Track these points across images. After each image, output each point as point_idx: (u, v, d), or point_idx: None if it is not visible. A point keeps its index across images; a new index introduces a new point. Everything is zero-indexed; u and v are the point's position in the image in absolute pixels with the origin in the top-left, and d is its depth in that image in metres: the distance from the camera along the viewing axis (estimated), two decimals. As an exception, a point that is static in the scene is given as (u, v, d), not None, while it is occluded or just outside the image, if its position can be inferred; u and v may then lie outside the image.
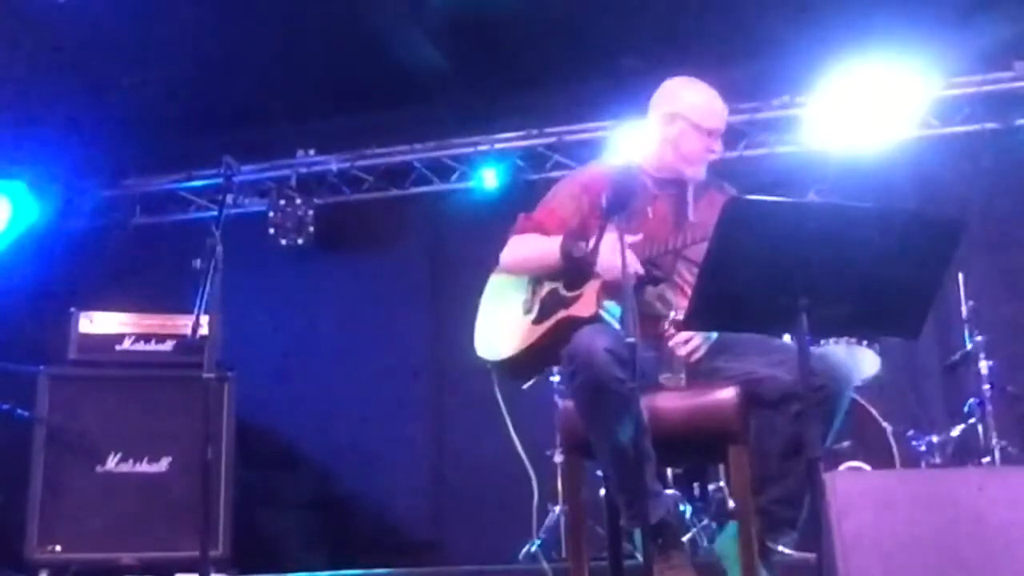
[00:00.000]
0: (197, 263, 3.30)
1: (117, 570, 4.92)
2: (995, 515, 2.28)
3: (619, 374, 2.79)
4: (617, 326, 3.02)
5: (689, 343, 3.06)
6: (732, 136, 6.33)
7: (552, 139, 6.67)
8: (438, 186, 6.93)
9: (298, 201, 6.82)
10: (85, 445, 5.02)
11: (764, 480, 2.99)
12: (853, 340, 5.14)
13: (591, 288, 3.12)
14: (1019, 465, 4.99)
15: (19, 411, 5.02)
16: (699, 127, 3.25)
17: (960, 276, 5.22)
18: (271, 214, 6.79)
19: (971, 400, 5.24)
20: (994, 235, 5.59)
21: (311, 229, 6.79)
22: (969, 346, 5.22)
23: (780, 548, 3.01)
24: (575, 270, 3.14)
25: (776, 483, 2.97)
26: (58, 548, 4.89)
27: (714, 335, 3.10)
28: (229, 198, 3.48)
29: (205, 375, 3.31)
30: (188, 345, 4.93)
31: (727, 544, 3.05)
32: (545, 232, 3.27)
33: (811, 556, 2.88)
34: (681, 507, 5.23)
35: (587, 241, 3.12)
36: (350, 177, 7.02)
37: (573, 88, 6.45)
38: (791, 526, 2.98)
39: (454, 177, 6.89)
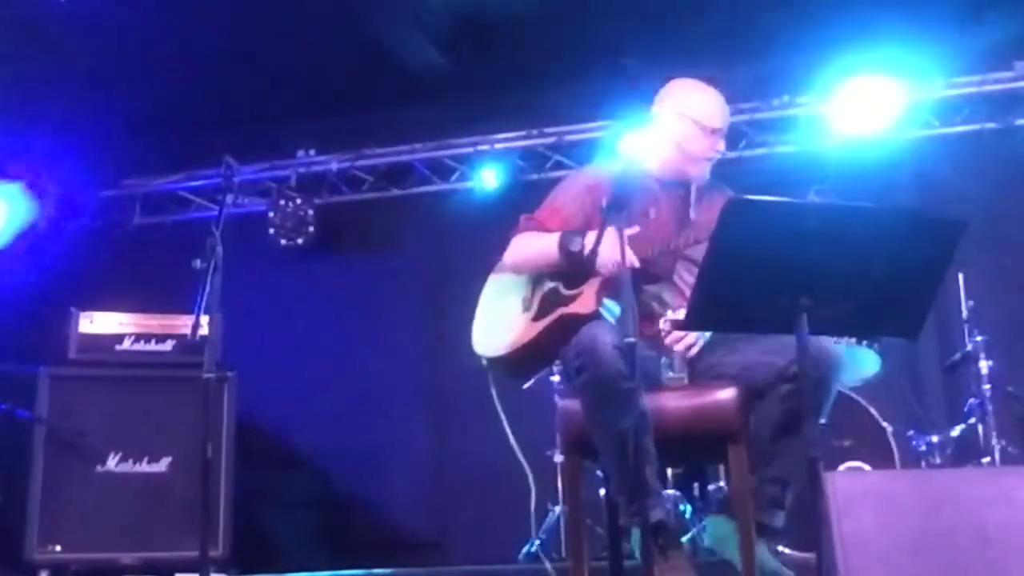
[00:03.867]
0: (197, 263, 3.30)
1: (117, 570, 4.92)
2: (995, 515, 2.28)
3: (624, 369, 2.80)
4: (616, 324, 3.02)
5: (684, 340, 3.07)
6: (732, 136, 6.28)
7: (552, 139, 6.66)
8: (438, 186, 6.93)
9: (298, 201, 6.81)
10: (85, 445, 5.02)
11: (754, 462, 2.99)
12: (853, 340, 5.14)
13: (591, 286, 3.13)
14: (1019, 465, 4.99)
15: (19, 411, 5.02)
16: (704, 127, 3.27)
17: (960, 276, 5.21)
18: (271, 214, 6.78)
19: (971, 400, 5.23)
20: (994, 235, 5.58)
21: (311, 229, 6.78)
22: (969, 346, 5.22)
23: (780, 549, 3.01)
24: (575, 267, 3.15)
25: (767, 463, 2.99)
26: (58, 548, 4.89)
27: (708, 333, 3.10)
28: (229, 198, 3.48)
29: (205, 375, 3.32)
30: (188, 345, 4.92)
31: (719, 533, 3.05)
32: (548, 231, 3.28)
33: (811, 556, 2.90)
34: (681, 507, 5.23)
35: (586, 237, 3.12)
36: (350, 177, 7.02)
37: (573, 88, 6.44)
38: (779, 505, 2.99)
39: (454, 177, 6.89)
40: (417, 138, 6.84)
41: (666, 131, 3.31)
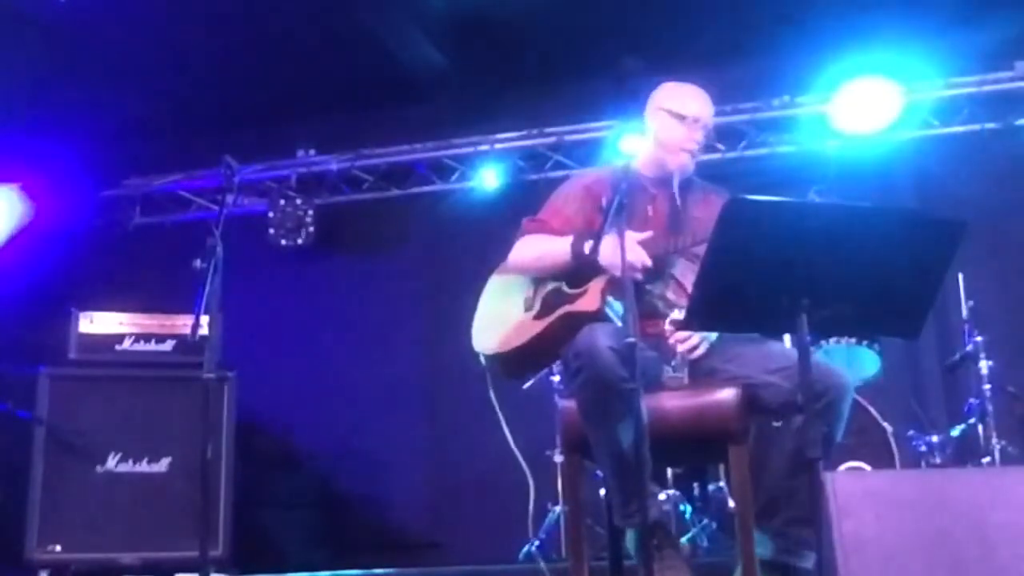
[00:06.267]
0: (197, 263, 3.30)
1: (117, 570, 4.92)
2: (995, 515, 2.28)
3: (622, 372, 2.80)
4: (620, 324, 3.02)
5: (688, 341, 3.07)
6: (732, 136, 6.33)
7: (552, 139, 6.66)
8: (438, 186, 6.93)
9: (298, 201, 6.82)
10: (85, 445, 5.02)
11: (775, 501, 2.98)
12: (853, 340, 5.14)
13: (596, 285, 3.13)
14: (1019, 465, 4.99)
15: (19, 411, 5.02)
16: (676, 114, 3.30)
17: (960, 276, 5.21)
18: (271, 214, 6.79)
19: (971, 400, 5.23)
20: (994, 235, 5.59)
21: (311, 229, 6.79)
22: (969, 346, 5.22)
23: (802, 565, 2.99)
24: (583, 269, 3.15)
25: (788, 503, 2.96)
26: (58, 548, 4.89)
27: (714, 335, 3.10)
28: (229, 198, 3.47)
29: (205, 375, 3.31)
30: (188, 345, 4.94)
31: None
32: (551, 230, 3.28)
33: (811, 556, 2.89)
34: (681, 507, 5.23)
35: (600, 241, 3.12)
36: (350, 177, 7.02)
37: (573, 88, 6.45)
38: (810, 547, 2.92)
39: (454, 177, 6.89)
40: (417, 138, 6.84)
41: (648, 129, 3.38)
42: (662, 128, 3.32)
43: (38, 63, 5.97)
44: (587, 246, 3.10)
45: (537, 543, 5.14)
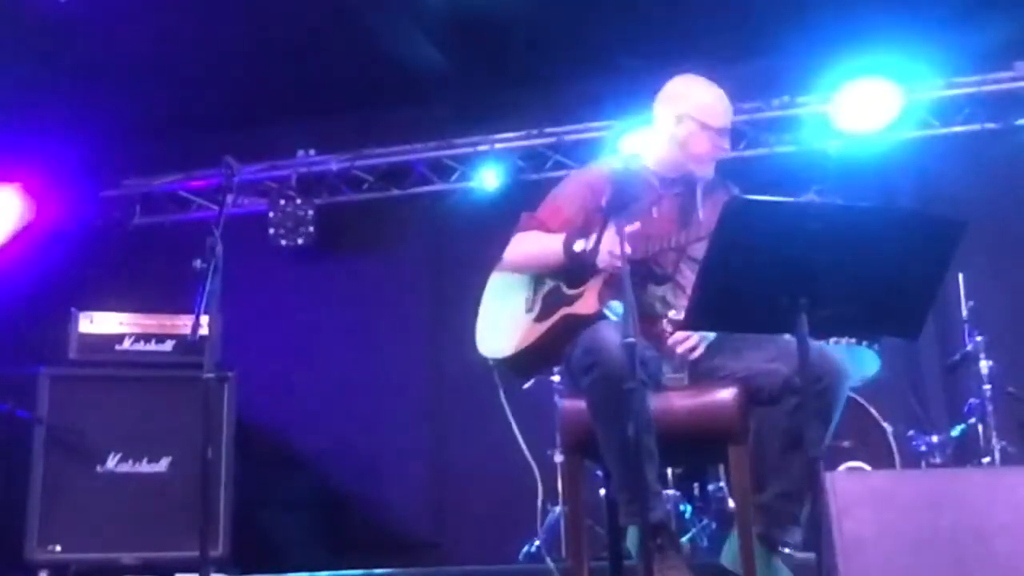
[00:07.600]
0: (197, 263, 3.30)
1: (117, 570, 4.91)
2: (995, 515, 2.28)
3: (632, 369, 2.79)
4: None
5: (686, 342, 3.07)
6: (733, 136, 6.29)
7: (552, 139, 6.66)
8: (438, 186, 6.93)
9: (298, 201, 6.82)
10: (85, 445, 5.01)
11: (765, 476, 2.98)
12: (853, 340, 5.14)
13: (593, 286, 3.12)
14: (1019, 465, 4.99)
15: (19, 411, 5.02)
16: (708, 127, 3.24)
17: (960, 276, 5.22)
18: (271, 214, 6.79)
19: (971, 400, 5.24)
20: (994, 235, 5.59)
21: (311, 229, 6.79)
22: (969, 346, 5.22)
23: (786, 550, 2.99)
24: (577, 267, 3.14)
25: (777, 478, 2.97)
26: (58, 548, 4.89)
27: (712, 335, 3.10)
28: (229, 198, 3.48)
29: (205, 375, 3.31)
30: (188, 345, 4.92)
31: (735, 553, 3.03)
32: (549, 230, 3.27)
33: (811, 556, 2.89)
34: (681, 507, 5.23)
35: (589, 238, 3.11)
36: (350, 177, 7.02)
37: (573, 88, 6.45)
38: (794, 521, 2.96)
39: (454, 177, 6.89)
40: (417, 138, 6.84)
41: (669, 132, 3.29)
42: (691, 139, 3.24)
43: (38, 63, 5.97)
44: (579, 244, 3.10)
45: (537, 543, 5.14)
